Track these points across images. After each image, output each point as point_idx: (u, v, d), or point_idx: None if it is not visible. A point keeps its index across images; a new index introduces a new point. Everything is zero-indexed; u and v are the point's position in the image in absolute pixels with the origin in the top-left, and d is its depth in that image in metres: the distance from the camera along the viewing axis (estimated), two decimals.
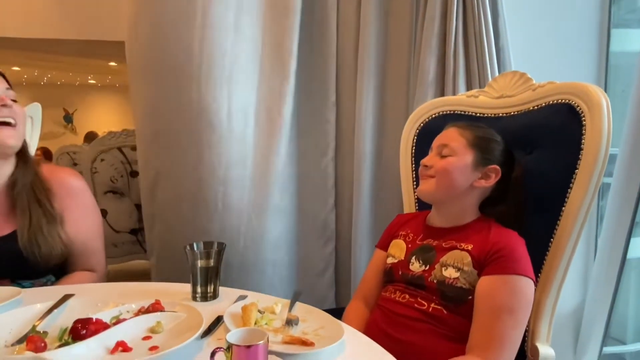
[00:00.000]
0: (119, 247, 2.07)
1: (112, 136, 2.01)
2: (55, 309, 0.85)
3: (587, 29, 1.65)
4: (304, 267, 1.77)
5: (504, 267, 0.94)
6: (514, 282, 0.94)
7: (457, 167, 1.03)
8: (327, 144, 1.75)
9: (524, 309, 0.94)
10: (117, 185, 2.04)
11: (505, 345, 0.92)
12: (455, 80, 1.52)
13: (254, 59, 1.62)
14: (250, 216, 1.65)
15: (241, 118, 1.61)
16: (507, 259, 0.95)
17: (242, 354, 0.61)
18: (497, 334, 0.92)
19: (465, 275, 0.97)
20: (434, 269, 1.01)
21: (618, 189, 1.53)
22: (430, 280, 1.00)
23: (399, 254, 1.10)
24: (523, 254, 0.98)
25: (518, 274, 0.94)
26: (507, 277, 0.94)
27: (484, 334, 0.92)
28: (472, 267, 0.97)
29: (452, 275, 0.98)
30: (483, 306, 0.94)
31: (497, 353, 0.91)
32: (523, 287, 0.94)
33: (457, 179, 1.03)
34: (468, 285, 0.96)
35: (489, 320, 0.93)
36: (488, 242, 0.98)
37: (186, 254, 0.98)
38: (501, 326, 0.92)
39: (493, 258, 0.96)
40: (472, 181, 1.04)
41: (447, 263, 1.00)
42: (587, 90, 1.05)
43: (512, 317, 0.92)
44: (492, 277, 0.95)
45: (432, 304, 0.99)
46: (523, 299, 0.94)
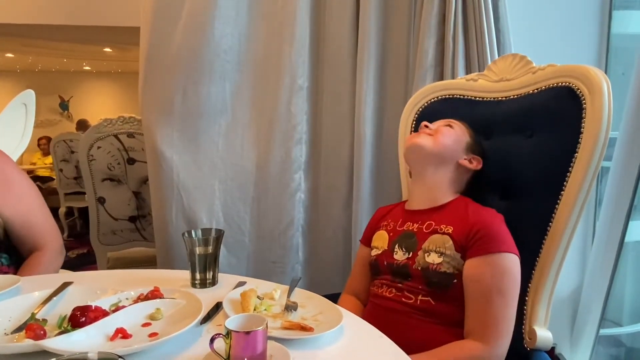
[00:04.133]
0: (117, 234, 2.08)
1: (108, 123, 2.00)
2: (54, 297, 0.85)
3: (588, 10, 1.62)
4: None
5: (486, 247, 0.95)
6: (499, 261, 0.94)
7: (455, 137, 1.11)
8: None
9: (513, 287, 0.95)
10: (114, 173, 2.03)
11: (501, 326, 0.93)
12: (454, 64, 1.51)
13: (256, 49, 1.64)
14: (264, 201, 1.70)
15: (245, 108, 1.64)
16: (489, 238, 0.95)
17: (242, 340, 0.61)
18: (491, 317, 0.92)
19: (449, 259, 0.97)
20: (417, 256, 1.01)
21: (617, 172, 1.52)
22: (415, 268, 1.00)
23: (382, 244, 1.11)
24: (503, 231, 0.98)
25: (501, 252, 0.94)
26: (492, 256, 0.94)
27: (479, 319, 0.93)
28: (454, 251, 0.97)
29: (435, 261, 0.98)
30: (473, 290, 0.94)
31: (495, 335, 0.92)
32: (508, 264, 0.95)
33: (451, 145, 1.09)
34: (452, 270, 0.97)
35: (481, 304, 0.93)
36: (467, 223, 0.99)
37: (184, 241, 0.98)
38: (494, 308, 0.92)
39: (475, 239, 0.96)
40: (459, 158, 1.09)
41: (429, 249, 1.00)
42: (588, 73, 1.03)
43: (502, 297, 0.93)
44: (477, 259, 0.95)
45: (419, 296, 0.99)
46: (510, 276, 0.94)
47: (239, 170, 1.68)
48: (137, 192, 2.06)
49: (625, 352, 1.98)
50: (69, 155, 3.97)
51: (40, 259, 1.18)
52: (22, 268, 1.17)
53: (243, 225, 1.70)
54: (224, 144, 1.65)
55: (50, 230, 1.24)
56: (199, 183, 1.64)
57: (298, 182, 1.72)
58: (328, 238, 1.79)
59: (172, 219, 1.62)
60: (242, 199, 1.69)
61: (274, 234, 1.72)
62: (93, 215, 2.04)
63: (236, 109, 1.66)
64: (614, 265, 1.54)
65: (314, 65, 1.72)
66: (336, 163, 1.76)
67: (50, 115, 8.37)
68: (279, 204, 1.70)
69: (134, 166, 2.04)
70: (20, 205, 1.19)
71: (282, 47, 1.64)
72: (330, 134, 1.76)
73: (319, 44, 1.72)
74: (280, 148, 1.68)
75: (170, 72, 1.58)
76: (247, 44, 1.64)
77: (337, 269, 1.81)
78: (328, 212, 1.79)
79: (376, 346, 0.75)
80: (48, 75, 8.16)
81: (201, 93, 1.60)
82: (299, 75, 1.66)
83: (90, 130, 2.03)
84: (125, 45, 5.80)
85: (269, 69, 1.66)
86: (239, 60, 1.63)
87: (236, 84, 1.64)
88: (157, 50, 1.57)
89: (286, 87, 1.65)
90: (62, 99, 8.61)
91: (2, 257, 1.17)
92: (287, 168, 1.69)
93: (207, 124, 1.62)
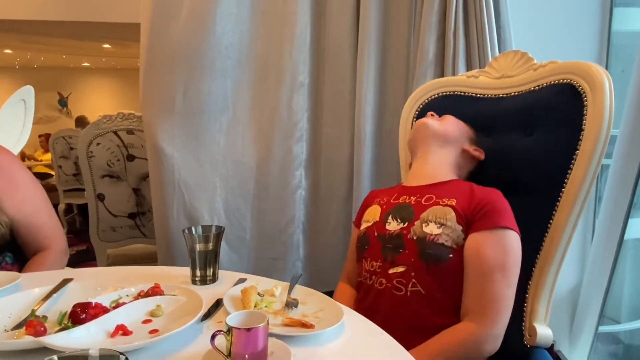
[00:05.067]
0: (117, 231, 2.07)
1: (107, 120, 1.99)
2: (55, 293, 0.85)
3: (590, 7, 1.62)
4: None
5: (491, 221, 0.93)
6: (502, 237, 0.92)
7: (460, 126, 1.16)
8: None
9: (515, 265, 0.93)
10: (114, 169, 2.03)
11: (501, 307, 0.90)
12: (455, 60, 1.50)
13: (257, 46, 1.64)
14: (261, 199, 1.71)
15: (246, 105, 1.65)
16: (494, 212, 0.94)
17: (242, 336, 0.61)
18: (491, 296, 0.89)
19: (449, 232, 0.94)
20: (413, 225, 0.98)
21: (617, 170, 1.52)
22: (410, 237, 0.96)
23: (374, 217, 1.07)
24: (508, 208, 0.97)
25: (506, 227, 0.93)
26: (495, 231, 0.92)
27: (478, 298, 0.90)
28: (456, 223, 0.95)
29: (433, 232, 0.95)
30: (474, 267, 0.92)
31: (494, 315, 0.89)
32: (512, 240, 0.93)
33: (456, 132, 1.14)
34: (451, 243, 0.93)
35: (481, 282, 0.90)
36: (474, 197, 0.97)
37: (185, 237, 0.98)
38: (495, 287, 0.90)
39: (481, 213, 0.94)
40: (463, 145, 1.13)
41: (428, 219, 0.97)
42: (590, 70, 1.03)
43: (504, 275, 0.90)
44: (481, 234, 0.93)
45: (409, 285, 0.94)
46: (513, 253, 0.92)
47: (240, 168, 1.67)
48: (137, 189, 2.06)
49: (624, 349, 1.98)
50: (68, 152, 3.97)
51: (45, 260, 1.18)
52: (26, 268, 1.17)
53: (244, 222, 1.70)
54: (225, 141, 1.65)
55: (55, 231, 1.24)
56: (200, 180, 1.63)
57: (299, 179, 1.72)
58: (328, 235, 1.79)
59: (173, 216, 1.62)
60: (243, 196, 1.69)
61: (275, 231, 1.72)
62: (92, 212, 2.04)
63: (237, 106, 1.65)
64: (613, 262, 1.54)
65: (315, 62, 1.71)
66: (336, 160, 1.76)
67: (49, 111, 8.36)
68: (280, 201, 1.71)
69: (134, 163, 2.03)
70: (26, 206, 1.19)
71: (283, 44, 1.64)
72: (331, 131, 1.76)
73: (320, 42, 1.72)
74: (281, 145, 1.68)
75: (171, 69, 1.58)
76: (248, 41, 1.63)
77: (337, 265, 1.81)
78: (328, 209, 1.79)
79: (377, 343, 0.75)
80: (47, 71, 8.14)
81: (202, 90, 1.59)
82: (300, 72, 1.66)
83: (89, 126, 2.03)
84: (124, 41, 5.79)
85: (269, 67, 1.66)
86: (240, 57, 1.63)
87: (237, 81, 1.64)
88: (158, 46, 1.57)
89: (287, 85, 1.65)
90: (61, 96, 8.59)
91: (7, 256, 1.17)
92: (288, 165, 1.69)
93: (208, 121, 1.62)
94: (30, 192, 1.22)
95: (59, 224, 1.28)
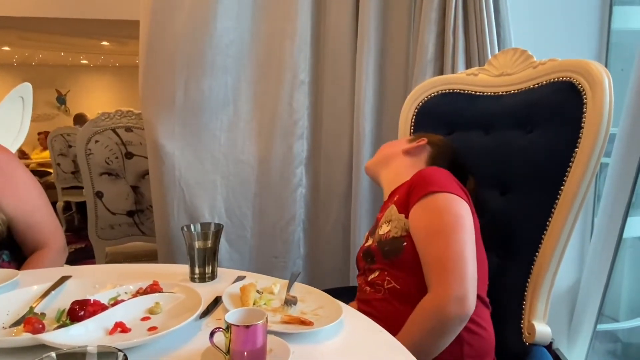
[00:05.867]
0: (115, 229, 2.07)
1: (105, 117, 1.99)
2: (53, 291, 0.85)
3: (589, 5, 1.62)
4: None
5: (420, 192, 0.94)
6: (431, 202, 0.93)
7: (391, 143, 1.23)
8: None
9: (455, 225, 0.90)
10: (112, 167, 2.02)
11: (449, 267, 0.86)
12: (454, 58, 1.50)
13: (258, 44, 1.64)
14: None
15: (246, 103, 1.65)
16: (422, 184, 0.95)
17: (241, 334, 0.61)
18: (436, 261, 0.88)
19: (395, 224, 0.98)
20: (374, 234, 1.04)
21: (616, 168, 1.52)
22: (374, 246, 1.02)
23: (363, 242, 1.15)
24: (439, 176, 0.97)
25: (432, 192, 0.93)
26: (423, 200, 0.93)
27: (429, 266, 0.89)
28: (398, 214, 0.98)
29: (384, 231, 1.00)
30: (417, 240, 0.93)
31: (443, 280, 0.86)
32: (444, 203, 0.92)
33: (389, 149, 1.20)
34: (400, 232, 0.96)
35: (427, 250, 0.90)
36: (406, 184, 1.01)
37: (183, 235, 0.98)
38: (437, 249, 0.88)
39: (410, 191, 0.97)
40: (402, 148, 1.16)
41: (381, 223, 1.03)
42: (589, 68, 1.03)
43: (443, 237, 0.89)
44: (414, 208, 0.95)
45: (384, 284, 0.97)
46: (448, 214, 0.91)
47: (241, 166, 1.67)
48: (135, 187, 2.06)
49: (622, 347, 1.99)
50: (67, 150, 3.96)
51: (43, 258, 1.18)
52: (25, 266, 1.17)
53: (245, 220, 1.70)
54: (226, 139, 1.65)
55: (53, 229, 1.24)
56: (200, 178, 1.63)
57: (299, 177, 1.72)
58: (327, 233, 1.80)
59: (174, 214, 1.62)
60: (243, 194, 1.69)
61: (276, 229, 1.72)
62: (91, 210, 2.04)
63: (238, 103, 1.65)
64: (612, 261, 1.54)
65: (315, 60, 1.71)
66: (336, 158, 1.76)
67: (48, 109, 8.33)
68: (281, 199, 1.70)
69: (132, 160, 2.03)
70: (25, 204, 1.19)
71: (283, 42, 1.63)
72: (331, 129, 1.76)
73: (320, 39, 1.72)
74: (281, 143, 1.68)
75: (172, 66, 1.57)
76: (249, 38, 1.63)
77: (336, 263, 1.82)
78: (327, 207, 1.79)
79: (375, 340, 0.75)
80: (45, 68, 8.12)
81: (203, 88, 1.59)
82: (301, 70, 1.65)
83: (88, 124, 2.02)
84: (122, 38, 5.77)
85: (270, 64, 1.66)
86: (241, 54, 1.63)
87: (238, 78, 1.64)
88: (158, 44, 1.56)
89: (288, 82, 1.65)
90: (60, 93, 8.57)
91: (4, 254, 1.17)
92: (289, 163, 1.69)
93: (209, 119, 1.62)
94: (28, 190, 1.22)
95: (58, 222, 1.27)
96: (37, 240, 1.20)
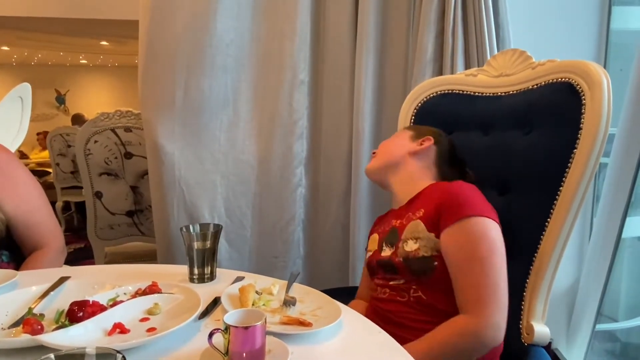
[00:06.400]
0: (115, 229, 2.07)
1: (105, 117, 1.99)
2: (52, 291, 0.85)
3: (588, 6, 1.62)
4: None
5: (455, 213, 0.92)
6: (468, 226, 0.91)
7: (393, 141, 1.18)
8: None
9: (492, 253, 0.90)
10: (111, 167, 2.02)
11: (485, 296, 0.87)
12: (453, 59, 1.50)
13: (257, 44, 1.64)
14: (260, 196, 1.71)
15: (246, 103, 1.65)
16: (456, 204, 0.93)
17: (240, 335, 0.61)
18: (473, 287, 0.88)
19: (424, 242, 0.95)
20: (398, 248, 1.00)
21: (615, 169, 1.53)
22: (398, 260, 0.99)
23: (373, 246, 1.12)
24: (471, 195, 0.96)
25: (469, 216, 0.91)
26: (460, 223, 0.91)
27: (463, 292, 0.90)
28: (427, 232, 0.96)
29: (412, 248, 0.96)
30: (451, 263, 0.92)
31: (480, 306, 0.87)
32: (481, 228, 0.91)
33: (393, 149, 1.15)
34: (430, 252, 0.94)
35: (462, 275, 0.90)
36: (436, 199, 0.97)
37: (182, 235, 0.98)
38: (474, 277, 0.88)
39: (442, 211, 0.94)
40: (408, 149, 1.12)
41: (406, 237, 0.99)
42: (588, 69, 1.03)
43: (481, 264, 0.89)
44: (448, 230, 0.92)
45: (410, 291, 0.97)
46: (485, 240, 0.90)
47: (241, 166, 1.67)
48: (135, 187, 2.06)
49: (621, 347, 1.99)
50: (66, 150, 3.95)
51: (42, 259, 1.18)
52: (23, 266, 1.17)
53: (245, 220, 1.70)
54: (226, 139, 1.65)
55: (52, 229, 1.24)
56: (200, 178, 1.63)
57: (299, 177, 1.72)
58: (327, 233, 1.80)
59: (174, 214, 1.62)
60: (244, 194, 1.69)
61: (276, 229, 1.72)
62: (90, 210, 2.04)
63: (238, 103, 1.65)
64: (611, 261, 1.55)
65: (314, 60, 1.71)
66: (335, 158, 1.76)
67: (47, 109, 8.33)
68: (281, 199, 1.70)
69: (132, 160, 2.03)
70: (24, 204, 1.19)
71: (283, 42, 1.63)
72: (330, 129, 1.76)
73: (319, 39, 1.72)
74: (281, 143, 1.68)
75: (172, 66, 1.56)
76: (249, 38, 1.63)
77: (335, 264, 1.82)
78: (326, 207, 1.79)
79: (374, 341, 0.75)
80: (44, 68, 8.11)
81: (203, 87, 1.58)
82: (300, 70, 1.65)
83: (87, 124, 2.02)
84: (122, 38, 5.77)
85: (270, 64, 1.65)
86: (241, 54, 1.62)
87: (238, 78, 1.64)
88: (158, 44, 1.56)
89: (287, 82, 1.65)
90: (59, 93, 8.56)
91: (3, 254, 1.17)
92: (289, 163, 1.69)
93: (209, 119, 1.62)
94: (28, 190, 1.22)
95: (57, 223, 1.27)
96: (36, 241, 1.20)
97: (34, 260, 1.18)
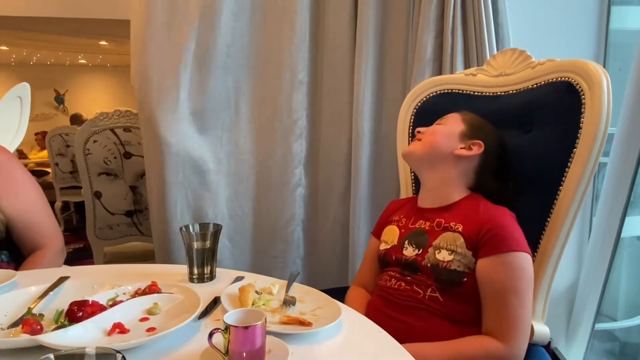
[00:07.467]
0: (114, 229, 2.07)
1: (104, 117, 1.98)
2: (51, 291, 0.85)
3: (588, 5, 1.62)
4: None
5: (499, 246, 0.94)
6: (511, 261, 0.93)
7: (443, 132, 1.08)
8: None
9: (528, 287, 0.94)
10: (110, 167, 2.02)
11: (519, 327, 0.92)
12: (453, 58, 1.50)
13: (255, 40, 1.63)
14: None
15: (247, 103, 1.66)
16: (501, 237, 0.94)
17: (240, 334, 0.61)
18: (508, 318, 0.92)
19: (460, 257, 0.96)
20: (427, 253, 1.00)
21: (614, 168, 1.53)
22: (424, 264, 0.99)
23: (392, 239, 1.09)
24: (516, 230, 0.97)
25: (514, 251, 0.94)
26: (504, 256, 0.93)
27: (496, 319, 0.93)
28: (465, 249, 0.96)
29: (445, 259, 0.97)
30: (488, 291, 0.94)
31: (513, 335, 0.91)
32: (522, 263, 0.94)
33: (440, 141, 1.06)
34: (463, 268, 0.96)
35: (497, 305, 0.93)
36: (478, 221, 0.97)
37: (182, 235, 0.98)
38: (510, 309, 0.92)
39: (486, 238, 0.95)
40: (454, 148, 1.05)
41: (440, 246, 0.99)
42: (588, 68, 1.03)
43: (518, 297, 0.92)
44: (490, 259, 0.94)
45: (428, 290, 0.98)
46: (524, 276, 0.94)
47: (243, 166, 1.68)
48: (134, 187, 2.06)
49: (620, 346, 1.99)
50: (65, 149, 3.95)
51: (41, 259, 1.18)
52: (23, 266, 1.17)
53: (246, 220, 1.71)
54: (228, 139, 1.65)
55: (52, 230, 1.24)
56: (203, 179, 1.63)
57: (299, 177, 1.72)
58: (326, 233, 1.80)
59: (177, 215, 1.62)
60: (245, 195, 1.69)
61: (276, 228, 1.73)
62: (89, 210, 2.03)
63: (239, 104, 1.66)
64: (610, 260, 1.55)
65: (314, 60, 1.71)
66: (334, 158, 1.76)
67: (46, 109, 8.32)
68: (281, 199, 1.71)
69: (131, 160, 2.03)
70: (24, 204, 1.19)
71: (282, 42, 1.63)
72: (329, 129, 1.76)
73: (318, 39, 1.72)
74: (281, 143, 1.68)
75: (172, 66, 1.56)
76: (248, 38, 1.63)
77: (335, 263, 1.82)
78: (326, 207, 1.79)
79: (374, 340, 0.75)
80: (43, 68, 8.10)
81: (205, 88, 1.59)
82: (300, 70, 1.65)
83: (86, 124, 2.02)
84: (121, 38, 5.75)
85: (270, 64, 1.66)
86: (241, 55, 1.63)
87: (238, 78, 1.64)
88: (158, 44, 1.56)
89: (287, 82, 1.65)
90: (58, 93, 8.55)
91: (2, 254, 1.17)
92: (288, 163, 1.69)
93: (211, 119, 1.62)
94: (27, 190, 1.22)
95: (56, 223, 1.27)
96: (35, 241, 1.20)
97: (34, 260, 1.18)
